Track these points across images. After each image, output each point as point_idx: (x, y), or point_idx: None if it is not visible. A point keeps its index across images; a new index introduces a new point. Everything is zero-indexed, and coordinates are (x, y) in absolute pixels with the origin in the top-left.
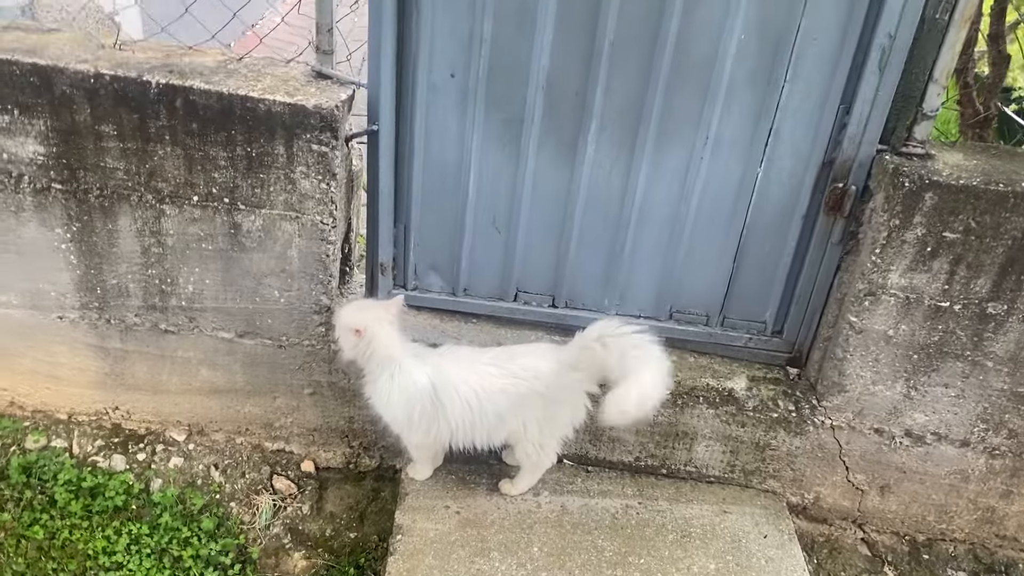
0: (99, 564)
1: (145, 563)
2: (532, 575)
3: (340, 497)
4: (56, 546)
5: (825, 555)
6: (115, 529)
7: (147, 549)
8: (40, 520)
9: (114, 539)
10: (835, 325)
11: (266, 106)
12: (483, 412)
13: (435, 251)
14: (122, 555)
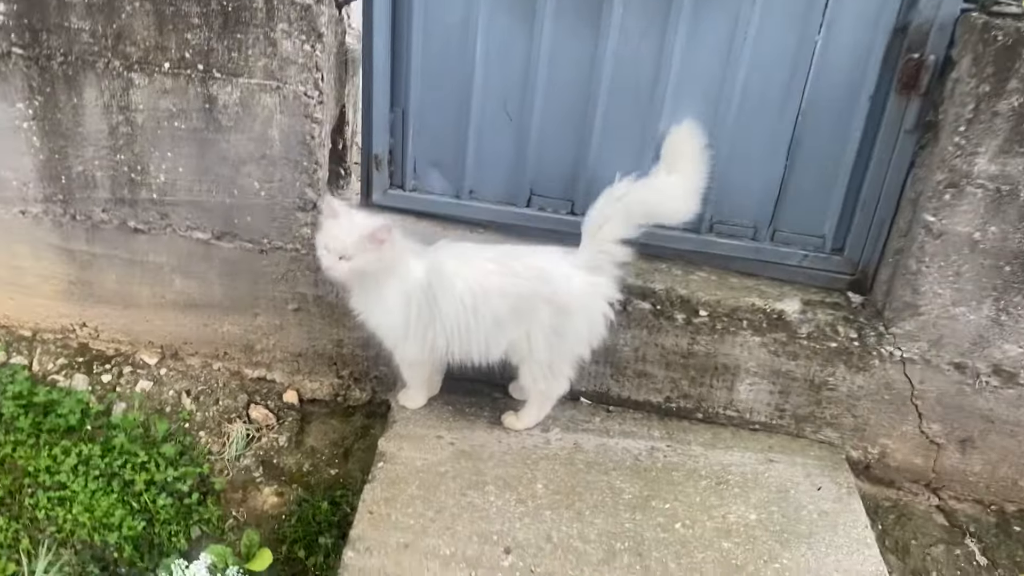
0: (38, 482)
1: (91, 485)
2: (534, 512)
3: (324, 432)
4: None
5: (892, 521)
6: (64, 449)
7: (96, 471)
8: None
9: (60, 459)
10: (908, 232)
11: None
12: (479, 315)
13: (437, 142)
14: (67, 475)
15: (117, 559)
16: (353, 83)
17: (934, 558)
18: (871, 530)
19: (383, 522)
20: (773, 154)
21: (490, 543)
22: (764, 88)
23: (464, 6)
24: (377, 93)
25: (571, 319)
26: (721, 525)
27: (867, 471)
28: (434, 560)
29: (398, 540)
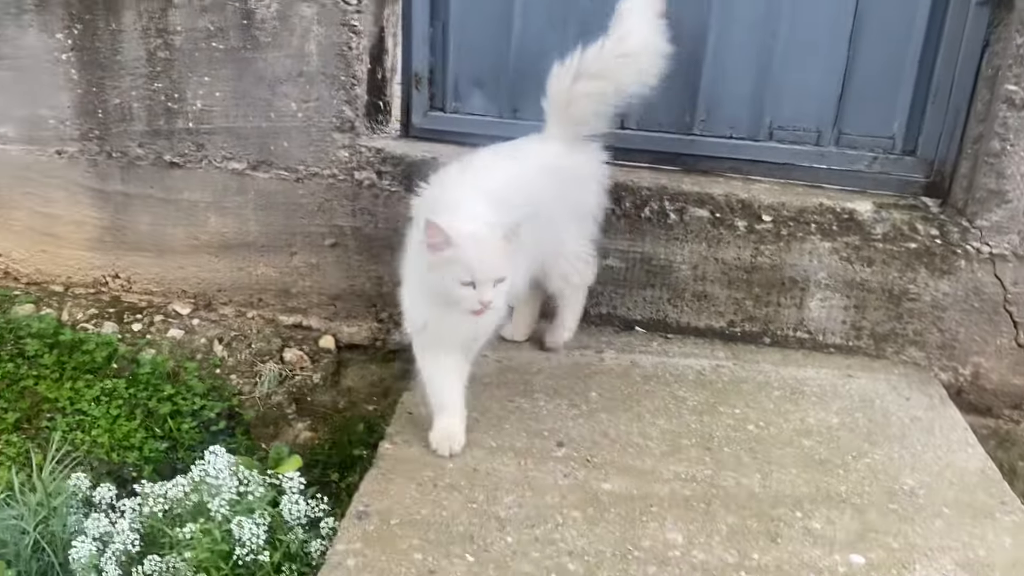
0: (57, 408)
1: (113, 412)
2: (587, 415)
3: (361, 375)
4: (13, 390)
5: (992, 447)
6: (87, 382)
7: (119, 401)
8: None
9: (83, 390)
10: (988, 114)
11: None
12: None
13: (480, 59)
14: (88, 404)
15: (135, 477)
16: (393, 9)
17: None
18: (971, 433)
19: (421, 421)
20: (834, 41)
21: (540, 438)
22: None
23: None
24: (416, 5)
25: (585, 187)
26: (799, 427)
27: (959, 396)
28: (479, 449)
29: None
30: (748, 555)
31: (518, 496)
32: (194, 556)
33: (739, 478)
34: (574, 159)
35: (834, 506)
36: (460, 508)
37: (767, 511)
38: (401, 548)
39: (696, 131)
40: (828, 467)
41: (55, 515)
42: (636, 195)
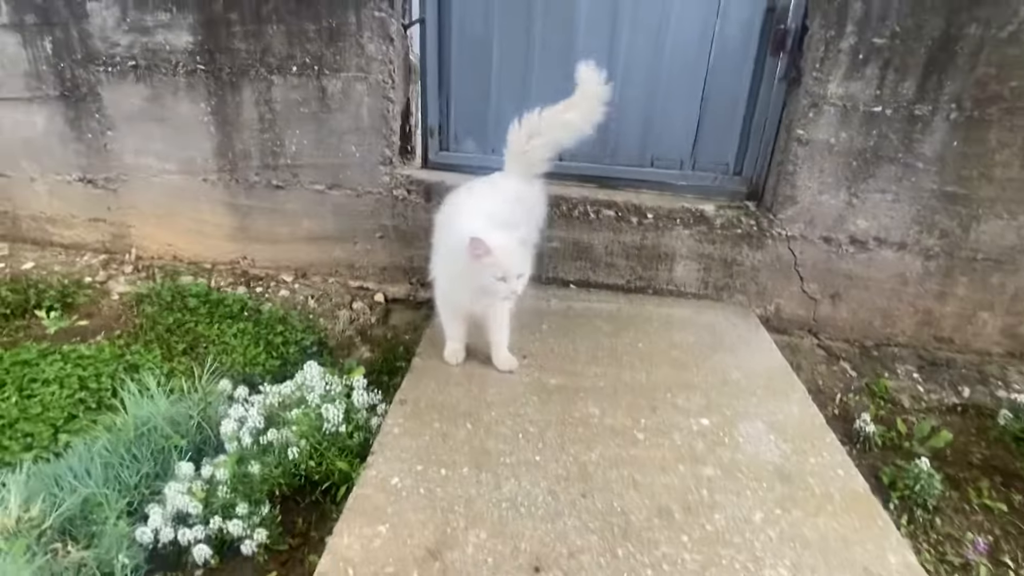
0: (209, 340)
1: (245, 341)
2: (541, 339)
3: (401, 317)
4: (182, 330)
5: (787, 353)
6: (228, 324)
7: (248, 335)
8: (174, 314)
9: (225, 330)
10: (785, 147)
11: None
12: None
13: (470, 117)
14: (229, 338)
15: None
16: (415, 86)
17: (819, 372)
18: (775, 345)
19: (437, 343)
20: (691, 105)
21: (513, 352)
22: (684, 57)
23: (484, 26)
24: (430, 84)
25: (536, 208)
26: (670, 343)
27: (767, 323)
28: (474, 361)
29: None
30: (638, 420)
31: (499, 389)
32: (298, 429)
33: (633, 375)
34: (530, 189)
35: (690, 390)
36: (463, 396)
37: (650, 394)
38: (426, 420)
39: (606, 162)
40: (687, 367)
41: (210, 407)
42: (569, 202)
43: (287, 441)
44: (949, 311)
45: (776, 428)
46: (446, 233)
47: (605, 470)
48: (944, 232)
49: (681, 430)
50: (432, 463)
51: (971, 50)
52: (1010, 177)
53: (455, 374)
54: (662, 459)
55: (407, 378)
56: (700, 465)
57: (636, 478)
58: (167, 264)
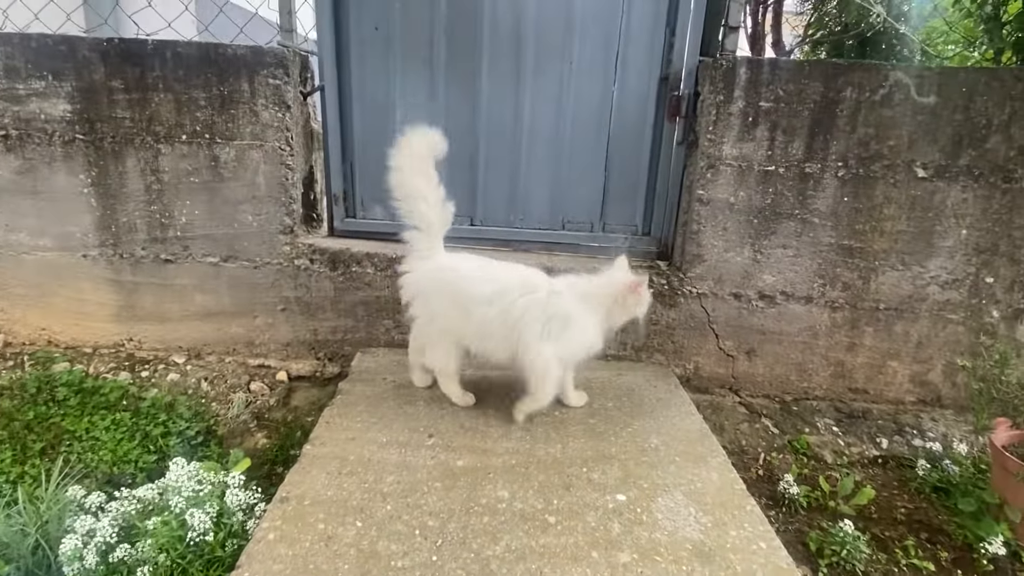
0: (75, 436)
1: (117, 436)
2: (452, 414)
3: (306, 397)
4: (43, 426)
5: (709, 413)
6: (101, 416)
7: (124, 428)
8: (36, 408)
9: (97, 423)
10: (688, 208)
11: (233, 51)
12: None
13: (377, 183)
14: (100, 432)
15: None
16: (319, 153)
17: (741, 431)
18: (694, 407)
19: (336, 427)
20: (596, 170)
21: (418, 432)
22: (586, 125)
23: (386, 91)
24: (332, 150)
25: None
26: (587, 411)
27: (688, 383)
28: (373, 445)
29: (346, 436)
30: (550, 501)
31: (397, 476)
32: (155, 541)
33: (548, 449)
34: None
35: (607, 462)
36: (355, 488)
37: (565, 469)
38: (309, 521)
39: (518, 225)
40: (605, 436)
41: (54, 520)
42: None
43: (143, 557)
44: (860, 362)
45: (696, 499)
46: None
47: (511, 566)
48: (846, 284)
49: (596, 509)
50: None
51: (850, 112)
52: (899, 230)
53: (351, 461)
54: (575, 546)
55: (294, 469)
56: (615, 551)
57: (545, 572)
58: (40, 350)
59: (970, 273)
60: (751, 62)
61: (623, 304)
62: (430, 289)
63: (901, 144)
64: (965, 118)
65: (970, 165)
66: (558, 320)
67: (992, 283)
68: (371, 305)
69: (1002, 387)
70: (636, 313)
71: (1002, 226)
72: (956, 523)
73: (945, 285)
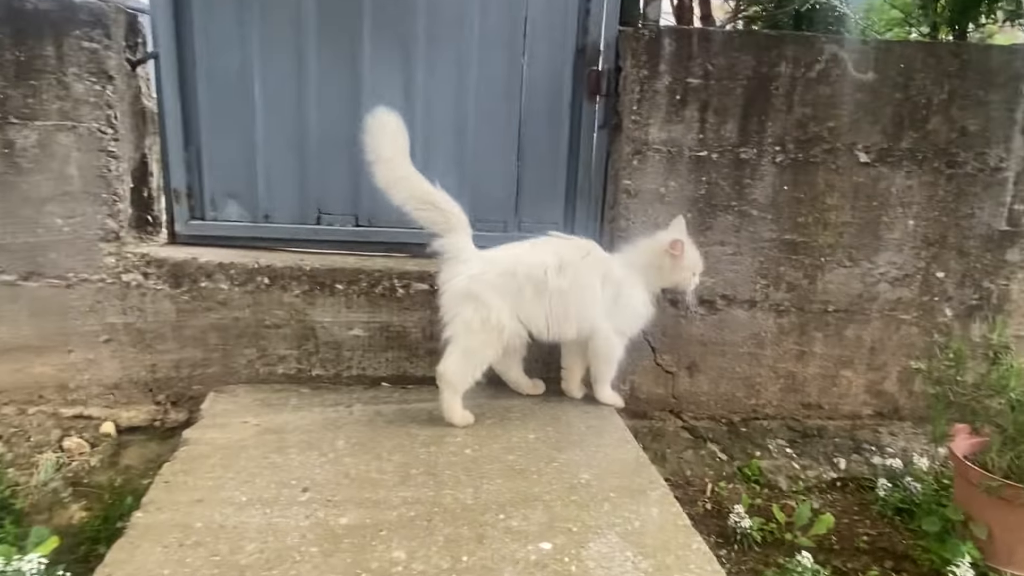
0: None
1: None
2: (334, 460)
3: (141, 454)
4: None
5: (649, 440)
6: None
7: None
8: None
9: None
10: (615, 201)
11: (33, 4)
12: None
13: (231, 175)
14: None
15: None
16: (154, 138)
17: (686, 460)
18: (630, 433)
19: (178, 487)
20: (508, 160)
21: (288, 487)
22: (492, 104)
23: (240, 60)
24: (171, 133)
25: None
26: (506, 445)
27: (624, 408)
28: (229, 506)
29: (192, 497)
30: (459, 558)
31: (261, 543)
32: None
33: (456, 494)
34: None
35: (529, 505)
36: (203, 563)
37: (477, 518)
38: None
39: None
40: (526, 473)
41: None
42: (370, 277)
43: None
44: (811, 372)
45: (634, 540)
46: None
47: None
48: (791, 284)
49: (516, 563)
50: None
51: (786, 90)
52: (844, 221)
53: (197, 530)
54: None
55: (117, 545)
56: None
57: None
58: None
59: (920, 268)
60: (677, 32)
61: (661, 268)
62: (484, 288)
63: (841, 125)
64: (905, 96)
65: (913, 148)
66: (611, 284)
67: (943, 278)
68: (227, 331)
69: (958, 389)
70: (676, 280)
71: (949, 215)
72: (921, 547)
73: (895, 282)
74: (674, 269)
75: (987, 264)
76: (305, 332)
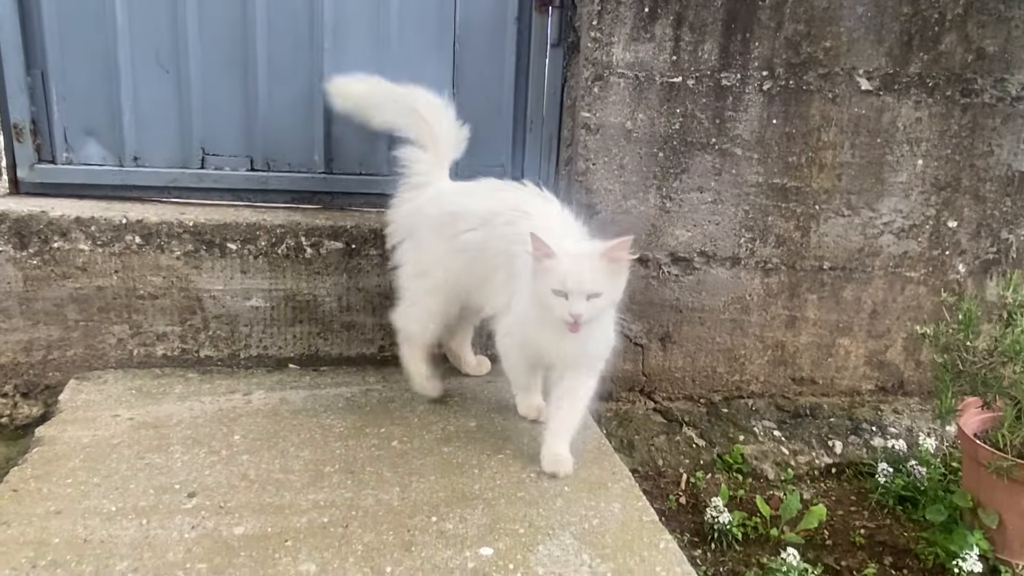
0: None
1: None
2: (228, 459)
3: None
4: None
5: (615, 427)
6: None
7: None
8: None
9: None
10: (572, 139)
11: None
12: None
13: (88, 105)
14: None
15: None
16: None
17: (658, 447)
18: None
19: (30, 496)
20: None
21: (171, 492)
22: (420, 17)
23: None
24: (7, 52)
25: None
26: (441, 435)
27: None
28: (95, 518)
29: (48, 509)
30: (382, 570)
31: (135, 562)
32: None
33: (379, 495)
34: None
35: (468, 504)
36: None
37: (404, 522)
38: None
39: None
40: (464, 468)
41: None
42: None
43: None
44: (804, 342)
45: (591, 541)
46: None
47: None
48: (781, 238)
49: (450, 572)
50: None
51: (775, 1)
52: (843, 162)
53: (55, 547)
54: None
55: None
56: None
57: None
58: None
59: (930, 216)
60: None
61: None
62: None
63: (839, 46)
64: (914, 11)
65: (923, 73)
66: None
67: (956, 228)
68: (90, 303)
69: (969, 357)
70: (554, 300)
71: (963, 154)
72: (925, 539)
73: (901, 233)
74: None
75: (1006, 211)
76: (190, 303)
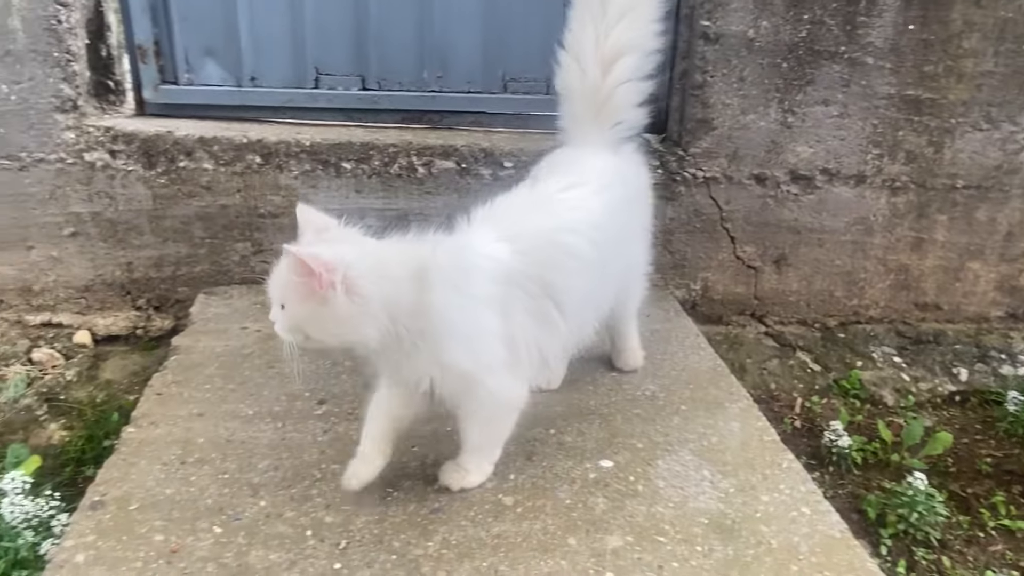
0: None
1: None
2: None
3: (122, 366)
4: None
5: (724, 350)
6: None
7: None
8: None
9: None
10: (689, 50)
11: None
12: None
13: (208, 27)
14: None
15: None
16: None
17: (770, 371)
18: (704, 339)
19: (173, 399)
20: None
21: (301, 399)
22: None
23: None
24: None
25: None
26: None
27: (694, 310)
28: (234, 420)
29: (190, 411)
30: (506, 477)
31: (275, 460)
32: None
33: None
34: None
35: (584, 419)
36: (210, 481)
37: (524, 433)
38: (140, 532)
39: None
40: (579, 385)
41: None
42: (384, 154)
43: None
44: (930, 265)
45: (711, 458)
46: None
47: (451, 566)
48: (911, 154)
49: (572, 482)
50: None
51: None
52: (985, 71)
53: (200, 446)
54: (542, 532)
55: (110, 462)
56: (601, 533)
57: (501, 570)
58: None
59: None
60: None
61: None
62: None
63: None
64: None
65: None
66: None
67: None
68: (215, 221)
69: None
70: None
71: None
72: None
73: None
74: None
75: None
76: None
